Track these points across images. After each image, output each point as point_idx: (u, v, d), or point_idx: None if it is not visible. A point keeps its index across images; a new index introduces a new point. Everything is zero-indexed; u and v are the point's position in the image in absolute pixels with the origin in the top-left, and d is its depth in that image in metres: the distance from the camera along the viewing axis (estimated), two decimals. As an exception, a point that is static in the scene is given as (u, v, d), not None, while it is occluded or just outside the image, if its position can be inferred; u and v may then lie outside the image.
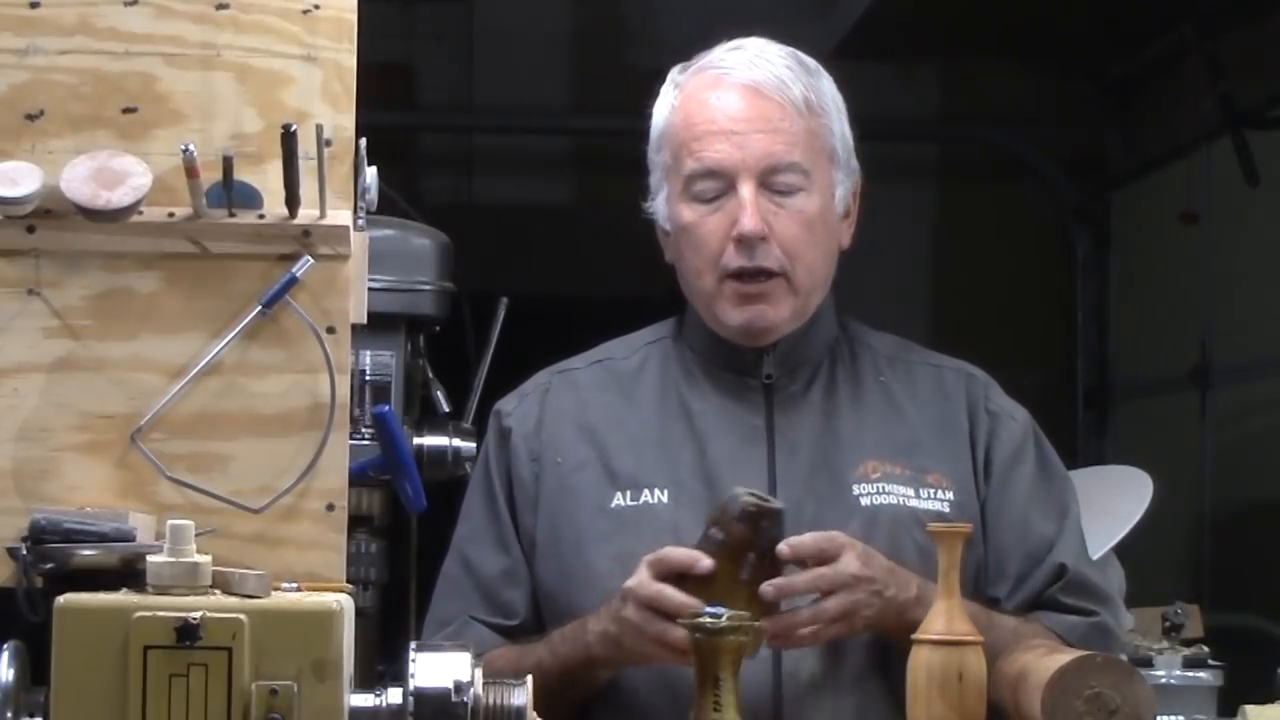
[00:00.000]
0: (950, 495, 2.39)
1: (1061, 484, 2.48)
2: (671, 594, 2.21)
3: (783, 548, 2.22)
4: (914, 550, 2.33)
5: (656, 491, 2.37)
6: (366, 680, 1.83)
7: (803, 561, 2.23)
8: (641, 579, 2.23)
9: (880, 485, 2.39)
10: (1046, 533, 2.42)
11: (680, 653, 2.16)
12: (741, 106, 2.39)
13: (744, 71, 2.40)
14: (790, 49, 2.46)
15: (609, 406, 2.47)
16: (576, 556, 2.38)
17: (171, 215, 1.93)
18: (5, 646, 1.75)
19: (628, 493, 2.39)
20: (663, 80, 2.50)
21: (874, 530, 2.35)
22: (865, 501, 2.36)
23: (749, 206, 2.37)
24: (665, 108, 2.46)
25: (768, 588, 2.21)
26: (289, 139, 1.87)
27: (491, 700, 1.79)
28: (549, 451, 2.45)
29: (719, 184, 2.39)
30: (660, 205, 2.47)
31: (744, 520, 2.21)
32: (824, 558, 2.24)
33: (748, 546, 2.22)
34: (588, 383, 2.50)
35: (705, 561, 2.21)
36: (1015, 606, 2.39)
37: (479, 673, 1.78)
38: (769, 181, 2.38)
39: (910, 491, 2.38)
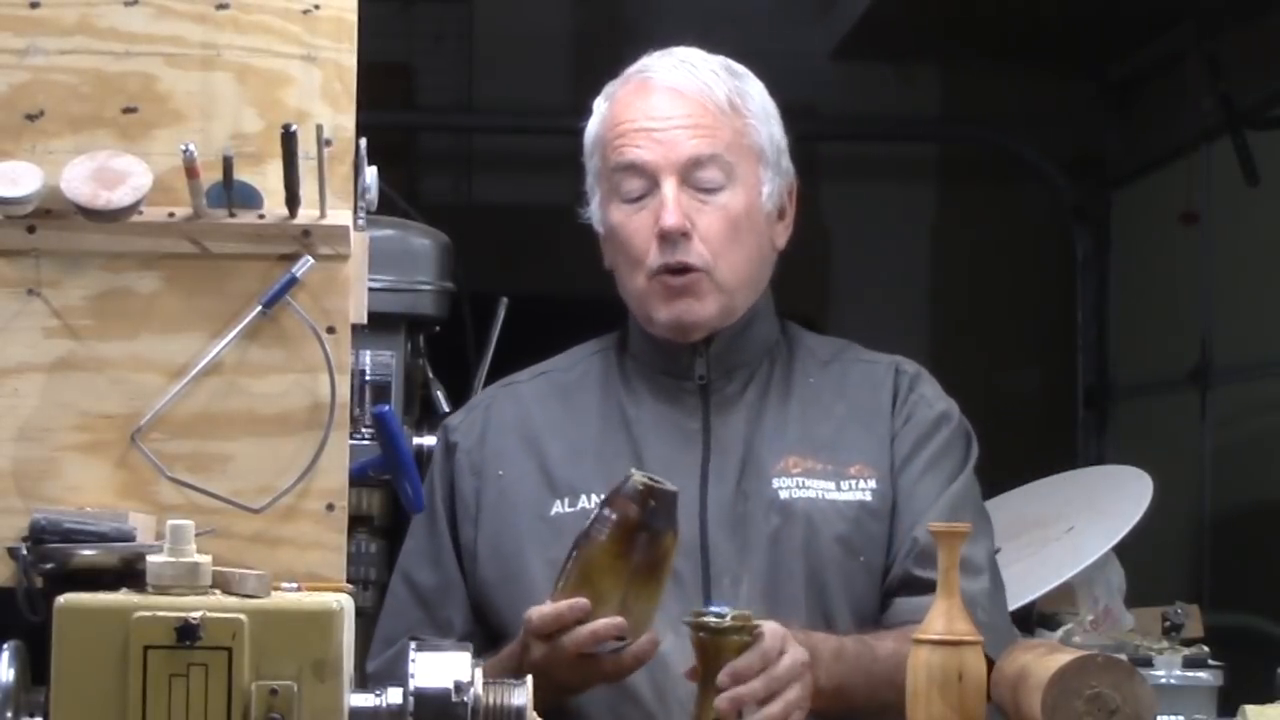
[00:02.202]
0: (873, 484, 2.42)
1: (956, 469, 2.47)
2: (544, 612, 2.19)
3: (723, 678, 2.14)
4: (832, 540, 2.38)
5: (594, 497, 2.38)
6: (366, 680, 1.83)
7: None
8: (529, 614, 2.21)
9: (800, 480, 2.42)
10: (923, 508, 2.42)
11: (603, 674, 2.20)
12: (662, 106, 2.44)
13: (666, 74, 2.46)
14: (720, 57, 2.50)
15: (550, 416, 2.50)
16: (515, 563, 2.41)
17: (171, 215, 1.93)
18: (5, 646, 1.75)
19: (566, 499, 2.42)
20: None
21: (790, 523, 2.39)
22: (784, 495, 2.40)
23: (670, 203, 2.41)
24: (597, 117, 2.52)
25: (723, 700, 2.14)
26: (289, 139, 1.87)
27: (491, 700, 1.79)
28: (491, 465, 2.48)
29: (643, 183, 2.43)
30: (595, 210, 2.53)
31: (635, 499, 2.19)
32: (767, 663, 2.18)
33: (638, 528, 2.19)
34: (530, 394, 2.53)
35: (580, 603, 2.17)
36: (888, 585, 2.41)
37: (479, 673, 1.79)
38: (691, 178, 2.42)
39: (830, 485, 2.41)
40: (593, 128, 2.52)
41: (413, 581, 2.49)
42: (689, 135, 2.42)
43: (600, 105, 2.52)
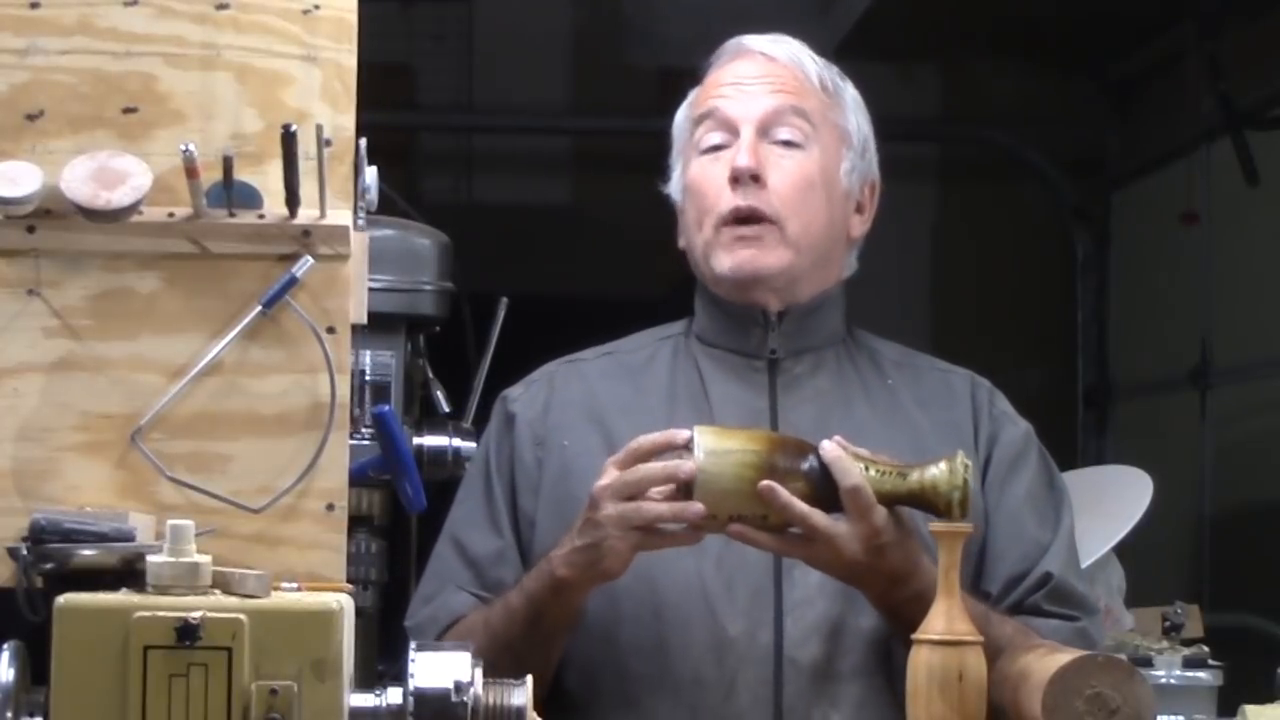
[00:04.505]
0: None
1: (1059, 495, 2.48)
2: (648, 468, 2.20)
3: (826, 445, 2.20)
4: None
5: None
6: (366, 680, 1.83)
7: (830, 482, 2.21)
8: (610, 476, 2.22)
9: None
10: (1042, 539, 2.42)
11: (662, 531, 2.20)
12: (753, 68, 2.47)
13: (763, 45, 2.48)
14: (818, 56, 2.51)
15: (616, 395, 2.48)
16: None
17: (171, 215, 1.93)
18: (5, 646, 1.75)
19: None
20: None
21: None
22: None
23: (744, 145, 2.41)
24: (688, 98, 2.52)
25: (766, 486, 2.17)
26: (289, 139, 1.87)
27: (491, 700, 1.79)
28: (555, 436, 2.46)
29: (725, 135, 2.44)
30: (675, 180, 2.51)
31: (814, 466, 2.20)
32: (852, 502, 2.20)
33: (795, 472, 2.20)
34: (596, 372, 2.51)
35: (682, 433, 2.21)
36: (1004, 608, 2.39)
37: (479, 672, 1.79)
38: (770, 132, 2.43)
39: None
40: (683, 108, 2.53)
41: (463, 545, 2.46)
42: (772, 89, 2.44)
43: (694, 90, 2.53)
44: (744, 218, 2.41)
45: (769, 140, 2.43)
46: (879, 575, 2.24)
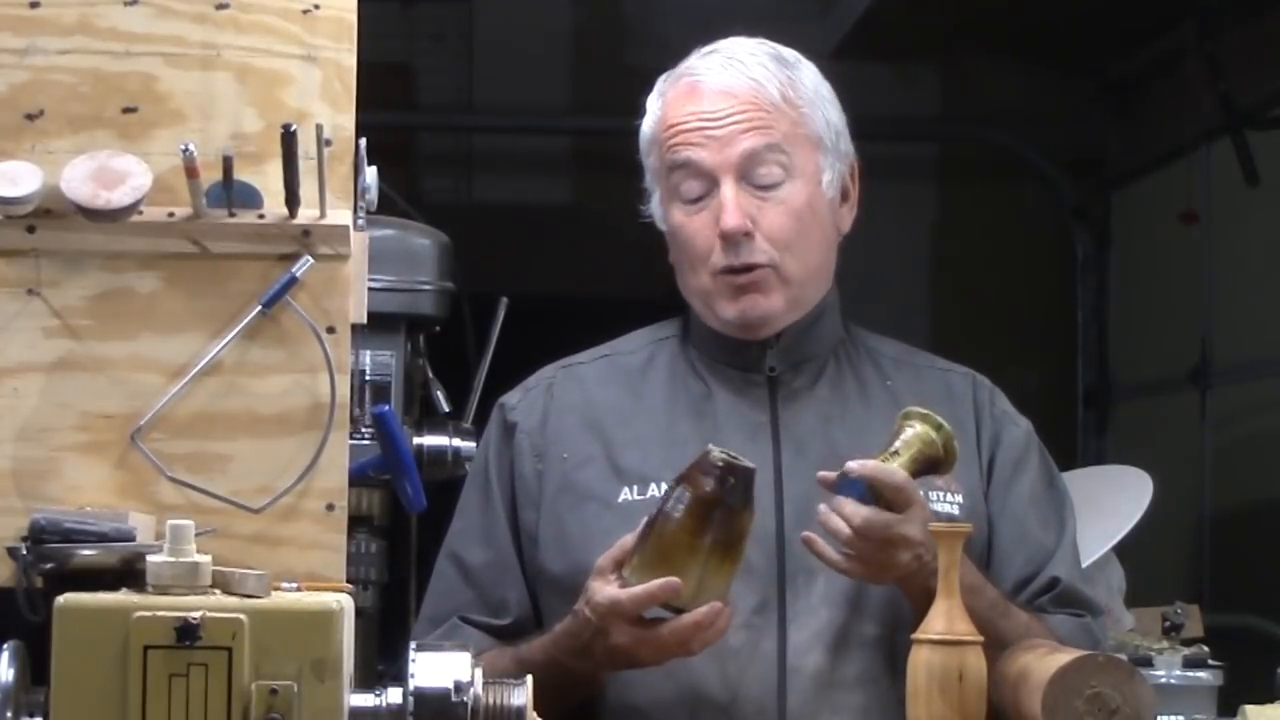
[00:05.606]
0: (959, 498, 2.40)
1: (1061, 497, 2.48)
2: (635, 594, 2.20)
3: (853, 465, 2.23)
4: None
5: (663, 485, 2.37)
6: (366, 680, 1.83)
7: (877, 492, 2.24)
8: (614, 598, 2.22)
9: None
10: (1047, 542, 2.43)
11: (680, 645, 2.21)
12: (714, 109, 2.41)
13: (716, 76, 2.42)
14: (768, 46, 2.47)
15: (615, 401, 2.47)
16: (585, 552, 2.36)
17: (171, 215, 1.93)
18: (5, 646, 1.75)
19: (634, 487, 2.39)
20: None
21: None
22: None
23: (729, 204, 2.38)
24: (651, 116, 2.49)
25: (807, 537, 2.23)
26: (289, 139, 1.87)
27: (491, 700, 1.80)
28: (554, 448, 2.45)
29: (702, 183, 2.41)
30: (655, 207, 2.50)
31: (713, 475, 2.18)
32: (902, 496, 2.23)
33: (715, 504, 2.19)
34: (593, 377, 2.51)
35: (674, 581, 2.18)
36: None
37: (479, 673, 1.79)
38: (749, 176, 2.40)
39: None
40: (646, 126, 2.49)
41: (463, 561, 2.45)
42: (742, 130, 2.40)
43: (653, 102, 2.49)
44: (737, 269, 2.40)
45: (749, 184, 2.40)
46: (926, 548, 2.24)
